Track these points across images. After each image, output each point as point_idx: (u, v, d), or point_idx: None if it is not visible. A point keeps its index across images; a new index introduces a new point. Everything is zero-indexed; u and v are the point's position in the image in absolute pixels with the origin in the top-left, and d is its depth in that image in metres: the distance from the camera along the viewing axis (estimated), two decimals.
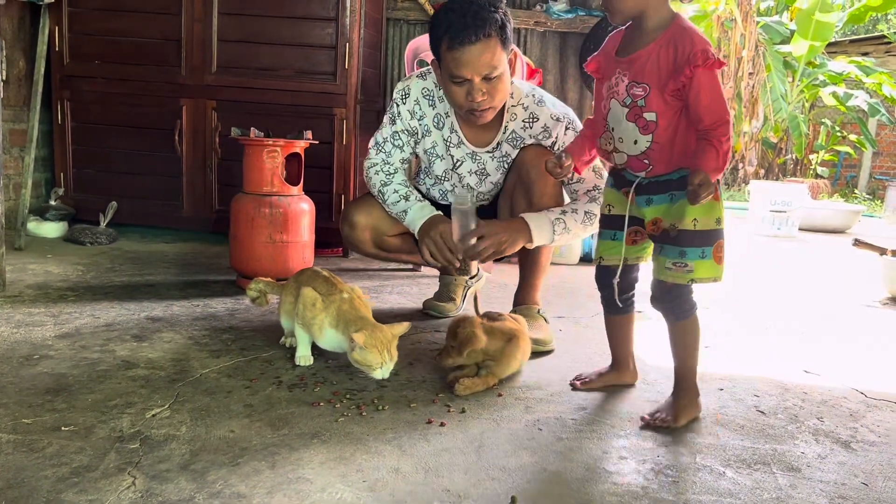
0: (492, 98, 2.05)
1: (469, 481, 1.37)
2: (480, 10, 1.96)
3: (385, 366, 1.77)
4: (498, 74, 2.02)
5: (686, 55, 1.53)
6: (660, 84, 1.57)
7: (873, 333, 2.74)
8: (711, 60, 1.51)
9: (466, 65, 1.98)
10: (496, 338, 1.86)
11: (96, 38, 3.62)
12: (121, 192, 3.66)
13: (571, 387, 1.91)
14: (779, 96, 9.70)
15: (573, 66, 4.26)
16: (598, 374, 1.93)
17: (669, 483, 1.41)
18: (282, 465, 1.39)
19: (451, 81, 2.05)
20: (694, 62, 1.52)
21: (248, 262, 2.72)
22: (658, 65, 1.57)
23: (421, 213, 2.20)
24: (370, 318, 1.85)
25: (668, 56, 1.56)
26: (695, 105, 1.55)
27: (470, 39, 1.95)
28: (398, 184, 2.27)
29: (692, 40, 1.54)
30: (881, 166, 11.56)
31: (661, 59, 1.57)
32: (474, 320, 1.86)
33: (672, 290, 1.67)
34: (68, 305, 2.41)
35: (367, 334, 1.75)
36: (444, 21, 1.99)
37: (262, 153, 2.70)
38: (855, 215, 6.59)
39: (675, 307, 1.70)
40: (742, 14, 9.67)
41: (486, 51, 1.97)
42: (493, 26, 1.96)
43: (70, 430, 1.49)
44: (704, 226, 1.62)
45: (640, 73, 1.60)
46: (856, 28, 12.33)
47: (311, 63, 3.50)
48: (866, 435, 1.71)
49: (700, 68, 1.52)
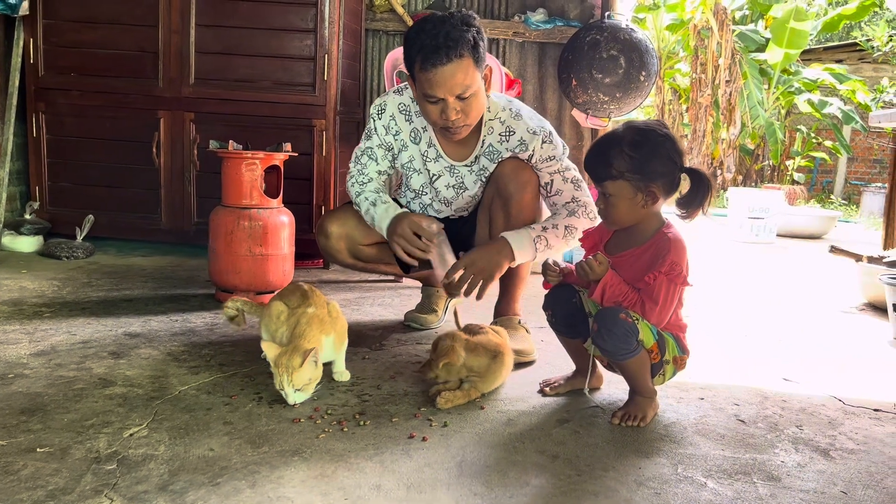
0: (466, 116, 2.05)
1: (451, 497, 1.36)
2: (452, 29, 1.95)
3: (286, 392, 1.72)
4: (472, 93, 2.02)
5: (658, 260, 1.69)
6: (634, 281, 1.72)
7: (851, 340, 2.77)
8: (675, 275, 1.65)
9: (439, 85, 1.98)
10: (479, 354, 1.86)
11: (72, 51, 3.59)
12: (98, 206, 3.62)
13: (541, 393, 1.94)
14: (755, 103, 9.81)
15: (552, 77, 4.29)
16: (565, 379, 1.97)
17: (652, 495, 1.41)
18: (262, 483, 1.37)
19: (425, 100, 2.05)
20: (660, 267, 1.67)
21: (228, 276, 2.70)
22: (638, 270, 1.73)
23: (386, 213, 2.20)
24: (309, 342, 1.77)
25: (647, 262, 1.72)
26: (648, 293, 1.70)
27: (441, 61, 1.94)
28: (368, 192, 2.28)
29: (669, 250, 1.69)
30: (856, 172, 11.73)
31: (642, 265, 1.73)
32: (457, 335, 1.85)
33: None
34: (44, 322, 2.38)
35: (277, 352, 1.74)
36: (416, 41, 1.99)
37: (241, 166, 2.68)
38: (831, 221, 6.67)
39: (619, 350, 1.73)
40: (718, 23, 9.78)
41: (458, 71, 1.97)
42: (465, 46, 1.96)
43: (45, 451, 1.46)
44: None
45: (620, 268, 1.74)
46: (830, 36, 12.51)
47: (290, 74, 3.49)
48: (845, 443, 1.72)
49: (663, 276, 1.67)
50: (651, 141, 1.69)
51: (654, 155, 1.68)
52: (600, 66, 3.97)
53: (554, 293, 1.90)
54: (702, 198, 1.71)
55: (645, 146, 1.68)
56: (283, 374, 1.72)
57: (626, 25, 4.06)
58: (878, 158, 11.43)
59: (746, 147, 10.60)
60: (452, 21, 1.98)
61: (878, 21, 11.39)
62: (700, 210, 1.72)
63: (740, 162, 10.78)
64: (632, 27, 4.09)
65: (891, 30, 10.70)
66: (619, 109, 4.10)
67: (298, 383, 1.72)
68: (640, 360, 1.72)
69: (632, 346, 1.69)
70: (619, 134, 1.71)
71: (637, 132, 1.70)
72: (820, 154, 10.76)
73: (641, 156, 1.67)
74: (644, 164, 1.67)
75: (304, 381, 1.72)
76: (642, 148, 1.68)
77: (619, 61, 3.99)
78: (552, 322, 1.94)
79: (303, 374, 1.72)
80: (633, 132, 1.70)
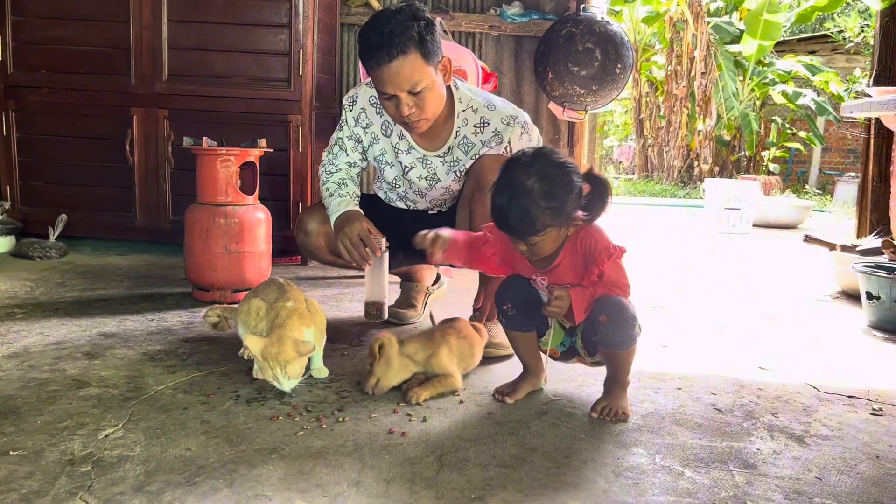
0: (421, 110, 2.05)
1: (432, 492, 1.36)
2: (397, 25, 1.93)
3: (280, 381, 1.74)
4: (423, 87, 2.00)
5: (592, 253, 1.69)
6: (578, 280, 1.73)
7: (825, 328, 2.80)
8: (615, 254, 1.68)
9: (388, 82, 1.98)
10: (414, 341, 1.88)
11: (42, 47, 3.54)
12: (71, 205, 3.57)
13: (500, 402, 1.85)
14: (730, 95, 9.90)
15: (528, 70, 4.29)
16: (518, 384, 1.90)
17: (630, 485, 1.42)
18: (240, 482, 1.36)
19: (380, 96, 2.06)
20: (601, 261, 1.68)
21: (204, 274, 2.67)
22: (574, 269, 1.73)
23: (338, 207, 2.20)
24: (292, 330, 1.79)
25: (578, 257, 1.72)
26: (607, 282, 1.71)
27: (384, 59, 1.94)
28: (331, 182, 2.28)
29: (594, 239, 1.70)
30: (830, 161, 11.88)
31: (575, 264, 1.73)
32: (384, 335, 1.85)
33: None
34: (16, 324, 2.34)
35: (262, 345, 1.74)
36: (364, 39, 1.98)
37: (216, 162, 2.66)
38: (806, 210, 6.75)
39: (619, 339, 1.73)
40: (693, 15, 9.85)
41: (403, 67, 1.95)
42: (409, 42, 1.94)
43: (19, 454, 1.44)
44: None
45: (559, 279, 1.75)
46: (803, 27, 12.64)
47: (265, 70, 3.46)
48: (819, 429, 1.74)
49: (608, 263, 1.68)
50: (558, 181, 1.62)
51: (567, 194, 1.63)
52: (576, 59, 3.98)
53: (509, 284, 1.85)
54: (604, 199, 1.67)
55: (557, 191, 1.61)
56: (274, 366, 1.72)
57: (602, 18, 4.07)
58: (852, 148, 11.59)
59: (722, 138, 10.71)
60: (399, 16, 1.95)
61: (849, 12, 11.53)
62: (603, 211, 1.69)
63: (716, 153, 10.88)
64: (607, 20, 4.10)
65: (863, 21, 10.83)
66: (595, 102, 4.11)
67: (294, 373, 1.74)
68: (635, 347, 1.74)
69: (635, 333, 1.71)
70: (526, 188, 1.60)
71: (541, 178, 1.61)
72: (795, 144, 10.88)
73: (558, 202, 1.62)
74: (562, 207, 1.63)
75: (298, 370, 1.75)
76: (555, 195, 1.61)
77: (594, 54, 3.99)
78: (512, 316, 1.84)
79: (296, 365, 1.74)
80: (538, 181, 1.61)
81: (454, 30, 4.19)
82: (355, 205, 2.22)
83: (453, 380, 1.87)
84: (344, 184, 2.27)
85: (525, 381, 1.91)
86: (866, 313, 2.82)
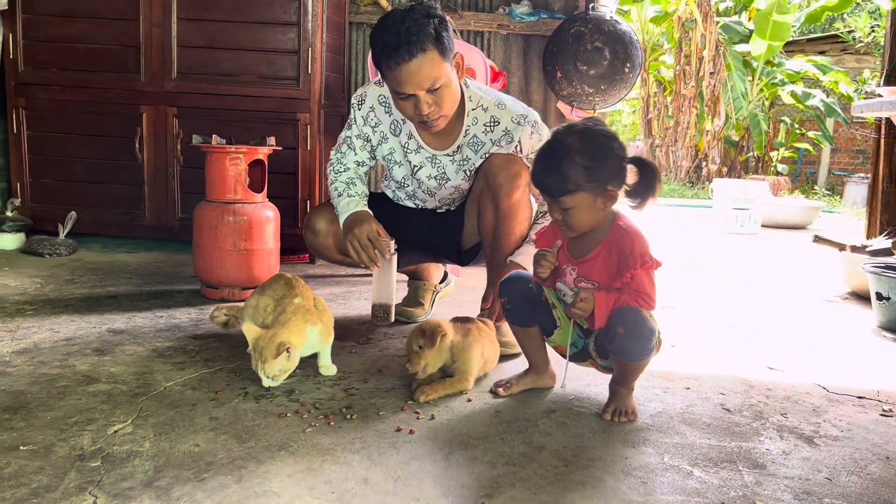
0: (440, 107, 2.04)
1: (439, 489, 1.36)
2: (413, 24, 1.92)
3: (259, 374, 1.77)
4: (442, 84, 2.00)
5: (626, 257, 1.66)
6: (607, 282, 1.71)
7: (834, 328, 2.79)
8: (649, 264, 1.64)
9: (407, 82, 1.97)
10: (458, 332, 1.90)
11: (52, 45, 3.55)
12: (80, 202, 3.58)
13: (493, 394, 1.87)
14: (739, 95, 9.87)
15: (537, 69, 4.28)
16: (517, 379, 1.91)
17: (639, 484, 1.42)
18: (248, 478, 1.37)
19: (396, 97, 2.05)
20: (633, 265, 1.64)
21: (213, 271, 2.68)
22: (606, 268, 1.71)
23: (347, 207, 2.20)
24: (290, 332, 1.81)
25: (612, 258, 1.70)
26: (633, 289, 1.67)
27: (405, 58, 1.92)
28: (340, 182, 2.27)
29: (632, 242, 1.66)
30: (839, 162, 11.82)
31: (608, 263, 1.70)
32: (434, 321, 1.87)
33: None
34: (26, 320, 2.35)
35: (256, 335, 1.78)
36: (379, 40, 1.97)
37: (225, 160, 2.66)
38: (815, 211, 6.72)
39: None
40: (702, 14, 9.82)
41: (423, 65, 1.95)
42: (427, 40, 1.93)
43: (29, 449, 1.45)
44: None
45: (589, 273, 1.73)
46: (813, 27, 12.59)
47: (274, 68, 3.47)
48: (829, 430, 1.73)
49: (640, 271, 1.65)
50: (599, 144, 1.63)
51: (606, 158, 1.62)
52: (585, 58, 3.97)
53: (509, 280, 1.87)
54: (651, 186, 1.65)
55: (596, 151, 1.62)
56: (257, 360, 1.76)
57: (611, 17, 4.06)
58: (861, 149, 11.54)
59: (731, 139, 10.67)
60: (413, 15, 1.95)
61: (859, 12, 11.47)
62: (651, 198, 1.66)
63: (725, 153, 10.85)
64: (616, 19, 4.09)
65: (873, 21, 10.77)
66: (603, 101, 4.10)
67: (270, 372, 1.77)
68: (650, 360, 1.73)
69: (652, 345, 1.68)
70: (565, 143, 1.63)
71: (583, 138, 1.62)
72: (804, 145, 10.84)
73: (595, 163, 1.61)
74: (599, 170, 1.62)
75: (274, 371, 1.77)
76: (594, 154, 1.61)
77: (603, 53, 3.99)
78: (509, 310, 1.87)
79: (274, 365, 1.76)
80: (578, 139, 1.62)
81: (463, 28, 4.19)
82: (364, 205, 2.22)
83: (465, 381, 1.87)
84: (353, 183, 2.27)
85: (525, 377, 1.91)
86: (876, 314, 2.80)
